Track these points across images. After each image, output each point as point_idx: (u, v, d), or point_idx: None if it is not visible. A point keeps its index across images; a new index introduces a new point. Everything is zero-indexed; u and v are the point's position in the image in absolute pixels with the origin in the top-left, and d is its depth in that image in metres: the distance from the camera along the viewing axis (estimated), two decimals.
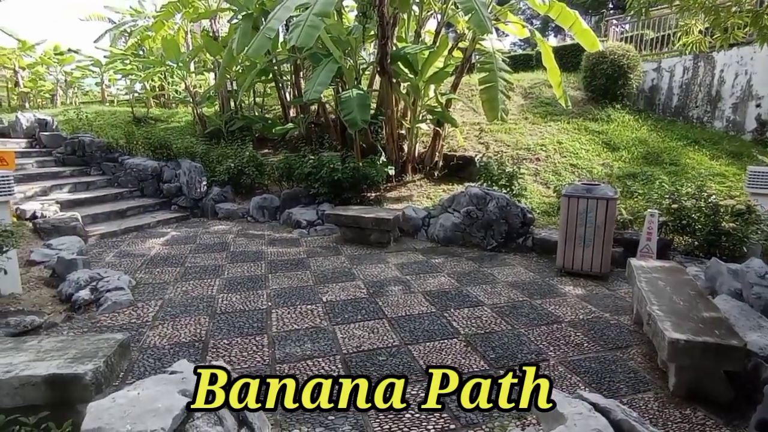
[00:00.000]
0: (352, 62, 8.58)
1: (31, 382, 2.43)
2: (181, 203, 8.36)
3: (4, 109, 14.74)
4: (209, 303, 4.50)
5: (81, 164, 9.06)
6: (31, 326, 3.78)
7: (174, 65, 10.95)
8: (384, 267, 5.67)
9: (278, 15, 6.93)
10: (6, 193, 4.68)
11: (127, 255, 5.98)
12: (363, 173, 7.66)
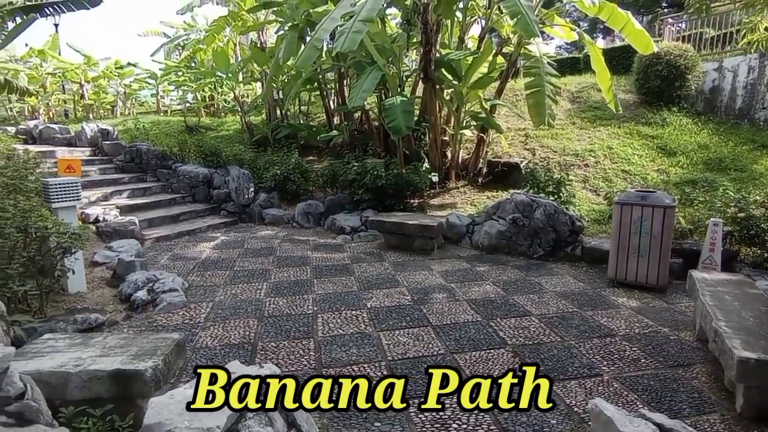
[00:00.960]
0: (395, 69, 8.64)
1: (97, 376, 2.58)
2: (230, 209, 8.66)
3: (71, 120, 15.85)
4: (257, 306, 4.62)
5: (138, 171, 9.59)
6: (95, 323, 4.01)
7: (223, 76, 11.42)
8: (428, 274, 5.63)
9: (325, 26, 7.10)
10: (74, 198, 5.01)
11: (180, 258, 6.25)
12: (406, 180, 7.66)
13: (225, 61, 11.08)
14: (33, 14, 6.26)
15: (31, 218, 4.31)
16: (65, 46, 16.88)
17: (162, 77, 14.82)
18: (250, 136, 11.19)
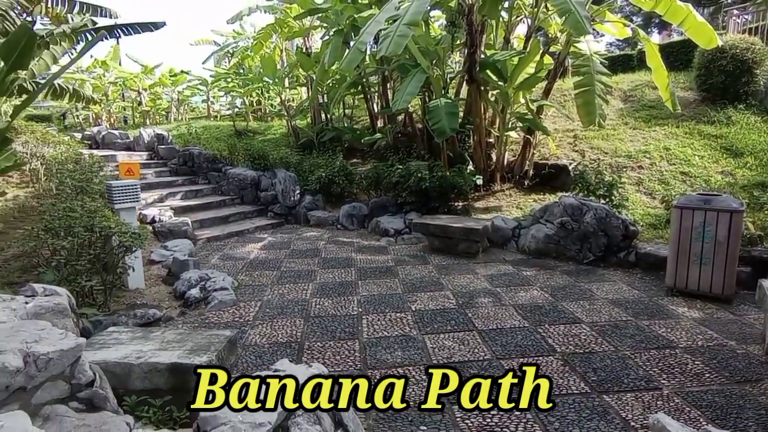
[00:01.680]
0: (439, 72, 8.58)
1: (157, 369, 2.71)
2: (277, 210, 8.90)
3: (130, 126, 16.84)
4: (303, 306, 4.71)
5: (190, 174, 10.03)
6: (153, 318, 4.22)
7: (270, 81, 11.77)
8: (473, 278, 5.55)
9: (369, 29, 7.16)
10: (134, 200, 5.31)
11: (230, 258, 6.47)
12: (450, 182, 7.59)
13: (272, 67, 11.41)
14: (103, 32, 6.68)
15: (96, 218, 4.61)
16: (125, 56, 17.98)
17: (212, 84, 15.46)
18: (295, 140, 11.46)
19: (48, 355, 2.07)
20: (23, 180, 7.29)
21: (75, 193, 5.98)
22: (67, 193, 5.97)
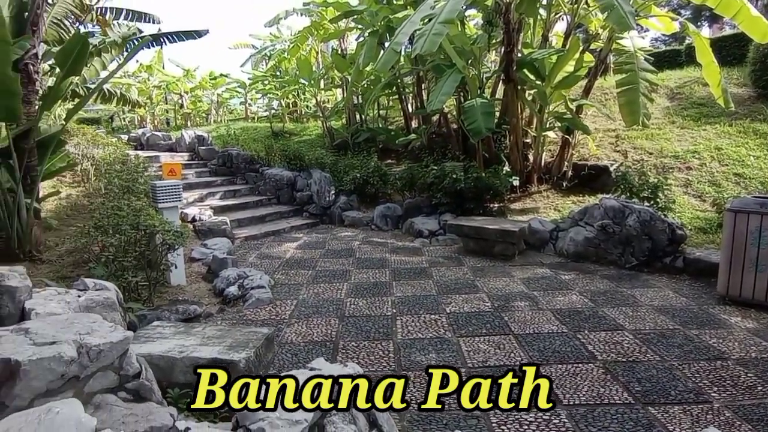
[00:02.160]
0: (475, 71, 8.48)
1: (198, 363, 2.79)
2: (312, 210, 9.02)
3: (172, 128, 17.49)
4: (338, 306, 4.75)
5: (229, 174, 10.31)
6: (194, 314, 4.36)
7: (306, 83, 11.96)
8: (508, 280, 5.45)
9: (405, 29, 7.15)
10: (176, 199, 5.50)
11: (267, 257, 6.61)
12: (486, 183, 7.48)
13: (308, 69, 11.59)
14: (149, 38, 6.99)
15: (141, 217, 4.80)
16: (167, 61, 18.73)
17: (250, 86, 15.86)
18: (331, 141, 11.59)
19: (99, 347, 2.17)
20: (75, 179, 7.70)
21: (122, 193, 6.25)
22: (115, 193, 6.26)
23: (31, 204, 5.39)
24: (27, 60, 5.55)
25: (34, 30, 5.61)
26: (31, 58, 5.61)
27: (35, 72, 5.71)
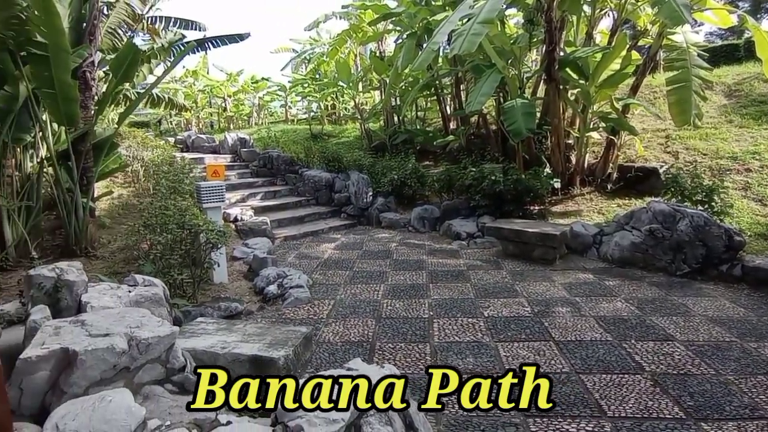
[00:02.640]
0: (515, 71, 8.31)
1: (239, 359, 2.87)
2: (350, 212, 9.09)
3: (216, 131, 18.11)
4: (375, 307, 4.76)
5: (270, 175, 10.55)
6: (235, 312, 4.48)
7: (345, 85, 12.10)
8: (549, 285, 5.29)
9: (443, 29, 7.10)
10: (219, 200, 5.67)
11: (305, 257, 6.71)
12: (526, 185, 7.31)
13: (347, 72, 11.72)
14: (194, 44, 7.29)
15: (186, 216, 4.98)
16: (212, 66, 19.48)
17: (290, 89, 16.22)
18: (368, 142, 11.67)
19: (148, 340, 2.27)
20: (126, 180, 8.10)
21: (169, 193, 6.52)
22: (162, 193, 6.53)
23: (87, 203, 5.71)
24: (85, 68, 5.89)
25: (91, 39, 5.95)
26: (89, 65, 5.95)
27: (92, 79, 6.05)
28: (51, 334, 2.24)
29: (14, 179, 5.53)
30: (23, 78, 5.07)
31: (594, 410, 2.92)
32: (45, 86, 5.00)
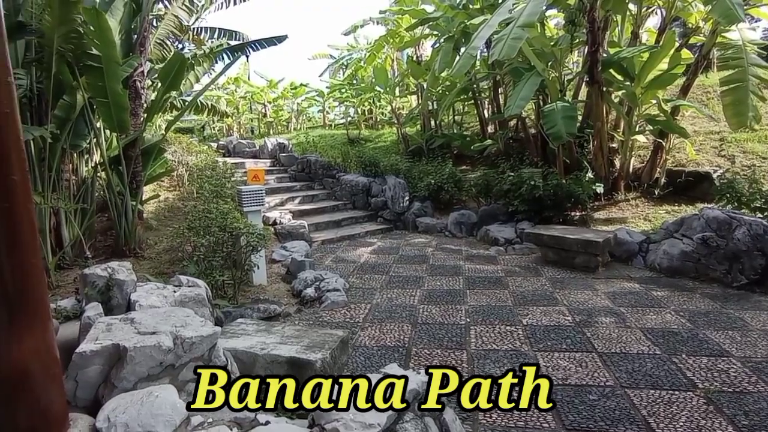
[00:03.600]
0: (556, 74, 8.11)
1: (277, 361, 2.91)
2: (386, 216, 9.11)
3: (256, 136, 18.60)
4: (411, 312, 4.73)
5: (307, 180, 10.73)
6: (273, 314, 4.57)
7: (382, 90, 12.16)
8: (591, 294, 5.10)
9: (482, 34, 7.03)
10: (260, 203, 5.81)
11: (342, 260, 6.77)
12: (566, 191, 7.10)
13: (384, 77, 11.79)
14: (238, 53, 7.55)
15: (228, 219, 5.13)
16: (253, 73, 20.04)
17: (328, 95, 16.45)
18: (405, 147, 11.67)
19: (192, 339, 2.34)
20: (172, 184, 8.43)
21: (212, 197, 6.74)
22: (206, 197, 6.76)
23: (136, 206, 5.99)
24: (135, 77, 6.20)
25: (142, 50, 6.26)
26: (139, 75, 6.26)
27: (141, 87, 6.36)
28: (103, 330, 2.35)
29: (71, 183, 5.86)
30: (80, 88, 5.39)
31: (642, 427, 2.78)
32: (99, 95, 5.29)
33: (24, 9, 5.08)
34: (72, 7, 4.53)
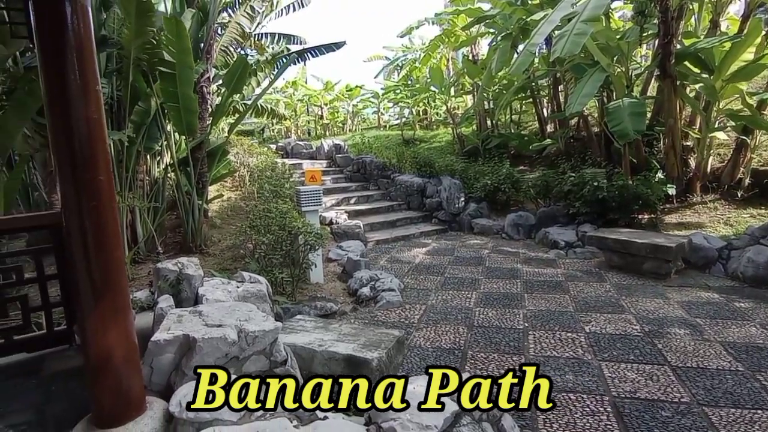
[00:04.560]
0: (621, 69, 7.67)
1: (335, 358, 2.95)
2: (441, 217, 9.02)
3: (313, 137, 19.07)
4: (466, 314, 4.65)
5: (362, 180, 10.85)
6: (330, 311, 4.65)
7: (437, 90, 12.07)
8: (662, 303, 4.77)
9: (542, 30, 6.78)
10: (317, 203, 5.95)
11: (396, 261, 6.78)
12: (634, 192, 6.69)
13: (439, 77, 11.70)
14: (294, 56, 7.78)
15: (287, 219, 5.29)
16: (310, 76, 20.60)
17: (383, 96, 16.56)
18: (461, 147, 11.51)
19: (255, 333, 2.42)
20: (234, 184, 8.83)
21: (271, 196, 6.99)
22: (266, 196, 7.02)
23: (202, 205, 6.32)
24: (202, 83, 6.55)
25: (208, 57, 6.60)
26: (205, 81, 6.60)
27: (207, 92, 6.71)
28: (175, 321, 2.49)
29: (145, 183, 6.29)
30: (153, 95, 5.77)
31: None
32: (171, 100, 5.64)
33: (107, 24, 5.52)
34: (147, 20, 4.85)
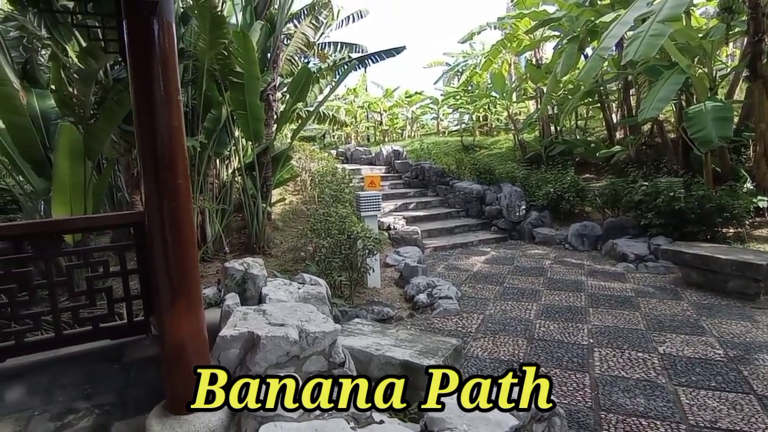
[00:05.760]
0: (703, 70, 7.12)
1: (391, 362, 2.96)
2: (500, 225, 8.79)
3: (372, 143, 19.34)
4: (526, 326, 4.49)
5: (421, 186, 10.83)
6: (386, 316, 4.67)
7: (498, 96, 11.82)
8: (750, 326, 4.34)
9: (614, 32, 6.45)
10: (376, 209, 6.01)
11: (454, 268, 6.69)
12: (717, 203, 6.16)
13: (501, 82, 11.47)
14: (354, 62, 7.94)
15: (346, 223, 5.38)
16: (370, 83, 20.93)
17: (442, 102, 16.47)
18: (522, 154, 11.19)
19: (315, 334, 2.48)
20: (296, 188, 9.13)
21: (332, 201, 7.15)
22: (326, 201, 7.19)
23: (266, 208, 6.58)
24: (268, 91, 6.83)
25: (275, 66, 6.89)
26: (271, 89, 6.89)
27: (273, 100, 6.99)
28: (240, 318, 2.60)
29: (214, 186, 6.66)
30: (224, 103, 6.11)
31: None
32: (239, 108, 5.94)
33: (184, 37, 5.93)
34: (220, 32, 5.15)
